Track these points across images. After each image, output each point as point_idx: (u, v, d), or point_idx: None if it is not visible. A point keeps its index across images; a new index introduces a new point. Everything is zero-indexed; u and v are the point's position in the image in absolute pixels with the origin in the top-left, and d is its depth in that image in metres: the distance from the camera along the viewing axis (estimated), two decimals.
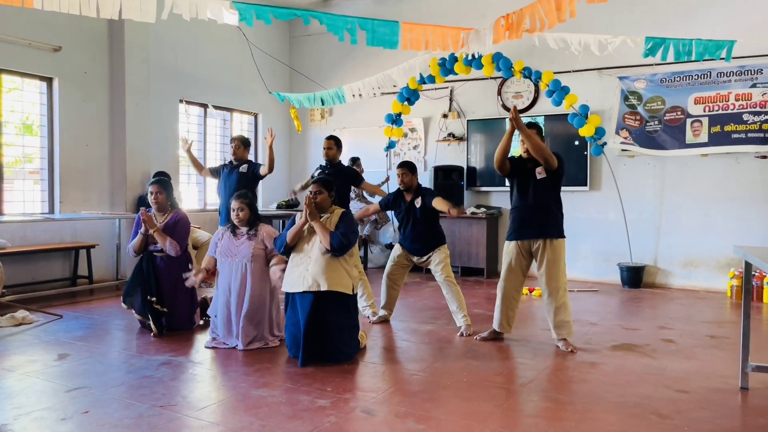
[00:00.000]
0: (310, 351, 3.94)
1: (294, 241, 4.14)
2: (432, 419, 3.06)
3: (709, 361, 4.14)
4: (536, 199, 4.33)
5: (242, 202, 4.50)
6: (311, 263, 4.02)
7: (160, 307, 4.71)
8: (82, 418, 3.04)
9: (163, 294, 4.76)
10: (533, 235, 4.36)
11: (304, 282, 3.98)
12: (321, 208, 4.19)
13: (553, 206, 4.37)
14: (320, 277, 3.97)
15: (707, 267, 7.02)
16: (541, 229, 4.34)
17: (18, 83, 6.57)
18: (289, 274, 4.13)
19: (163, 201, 4.88)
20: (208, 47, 8.42)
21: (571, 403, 3.32)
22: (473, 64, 6.88)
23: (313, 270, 3.99)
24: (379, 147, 8.41)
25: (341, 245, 3.98)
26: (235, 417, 3.08)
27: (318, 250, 4.05)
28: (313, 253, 4.06)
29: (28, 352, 4.24)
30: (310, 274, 3.99)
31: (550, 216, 4.36)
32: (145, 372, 3.80)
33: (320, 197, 4.17)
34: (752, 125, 6.51)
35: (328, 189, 4.23)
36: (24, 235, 6.24)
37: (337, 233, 4.02)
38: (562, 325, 4.35)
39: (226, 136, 8.94)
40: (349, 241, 4.01)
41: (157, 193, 4.86)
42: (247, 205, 4.51)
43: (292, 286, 4.05)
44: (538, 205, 4.33)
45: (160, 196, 4.87)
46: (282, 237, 4.20)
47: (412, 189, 5.03)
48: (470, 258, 7.92)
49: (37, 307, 5.45)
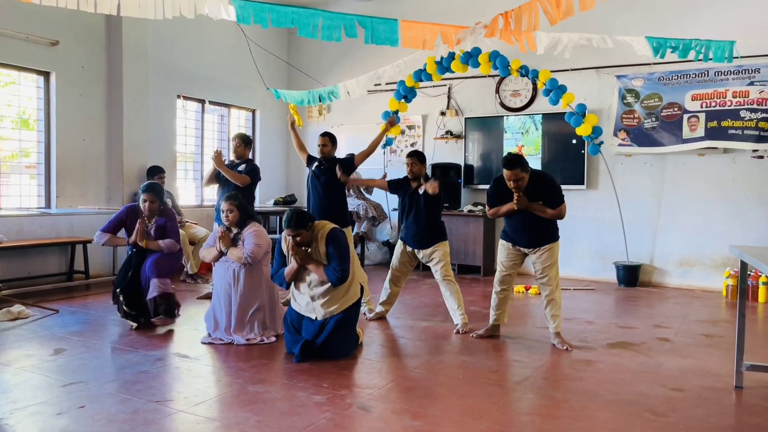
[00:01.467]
0: (310, 349, 3.96)
1: (293, 279, 4.12)
2: (428, 416, 3.07)
3: (705, 359, 4.16)
4: (531, 215, 4.33)
5: (231, 204, 4.50)
6: (317, 295, 4.04)
7: (128, 309, 4.75)
8: (78, 413, 3.03)
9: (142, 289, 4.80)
10: (529, 246, 4.43)
11: (315, 313, 4.04)
12: (305, 244, 4.04)
13: (546, 220, 4.36)
14: (330, 307, 4.02)
15: (703, 266, 7.04)
16: (537, 241, 4.40)
17: (15, 77, 6.54)
18: (295, 296, 4.16)
19: (155, 209, 4.92)
20: (207, 43, 8.40)
21: (567, 400, 3.33)
22: (470, 62, 6.88)
23: (320, 301, 4.03)
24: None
25: (339, 279, 3.95)
26: (231, 413, 3.08)
27: (318, 281, 4.04)
28: (315, 285, 4.05)
29: (24, 347, 4.23)
30: (319, 306, 4.03)
31: (545, 229, 4.38)
32: (141, 367, 3.79)
33: (300, 238, 3.97)
34: (749, 122, 6.52)
35: (304, 226, 3.96)
36: (20, 229, 6.23)
37: (330, 268, 3.95)
38: (549, 318, 4.45)
39: (224, 132, 8.93)
40: (344, 270, 3.94)
41: (150, 202, 4.87)
42: (236, 207, 4.50)
43: (304, 311, 4.10)
44: (532, 220, 4.34)
45: (153, 205, 4.90)
46: (280, 276, 4.12)
47: (419, 178, 5.03)
48: (467, 256, 7.92)
49: (33, 302, 5.44)
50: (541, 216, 4.29)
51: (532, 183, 4.29)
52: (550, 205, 4.27)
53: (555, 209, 4.27)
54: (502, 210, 4.40)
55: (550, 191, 4.30)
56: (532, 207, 4.27)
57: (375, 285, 6.41)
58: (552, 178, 4.47)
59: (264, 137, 9.59)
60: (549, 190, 4.30)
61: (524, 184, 4.25)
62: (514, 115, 8.06)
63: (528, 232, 4.39)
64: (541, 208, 4.27)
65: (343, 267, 3.94)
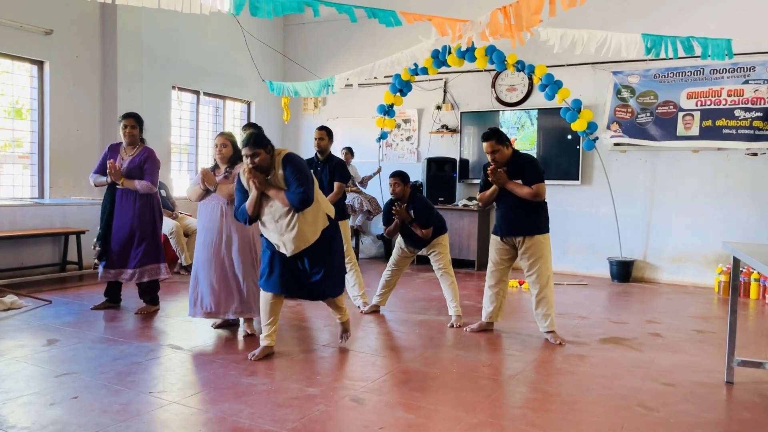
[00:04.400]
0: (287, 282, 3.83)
1: (256, 211, 3.82)
2: (421, 408, 3.08)
3: (696, 355, 4.19)
4: (516, 201, 4.36)
5: (227, 139, 4.39)
6: (283, 228, 3.75)
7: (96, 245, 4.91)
8: (71, 404, 3.03)
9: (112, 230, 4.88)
10: (514, 233, 4.44)
11: (286, 248, 3.78)
12: (263, 169, 3.72)
13: (534, 205, 4.38)
14: (299, 241, 3.74)
15: (696, 262, 7.08)
16: (522, 228, 4.41)
17: (8, 66, 6.49)
18: (264, 233, 3.91)
19: (136, 135, 4.93)
20: (202, 34, 8.35)
21: (559, 394, 3.35)
22: (466, 56, 6.87)
23: (288, 235, 3.75)
24: (372, 137, 8.40)
25: (302, 201, 3.65)
26: (224, 404, 3.08)
27: (282, 211, 3.73)
28: (279, 215, 3.74)
29: (16, 337, 4.22)
30: (287, 240, 3.75)
31: (530, 215, 4.39)
32: (134, 358, 3.79)
33: (258, 159, 3.67)
34: (743, 121, 6.55)
35: (262, 146, 3.68)
36: (13, 219, 6.19)
37: (290, 192, 3.66)
38: (541, 317, 4.43)
39: (218, 124, 8.90)
40: (306, 192, 3.65)
41: (130, 127, 4.88)
42: (231, 143, 4.40)
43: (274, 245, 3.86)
44: (518, 206, 4.37)
45: (134, 131, 4.91)
46: (243, 210, 3.81)
47: (404, 198, 4.95)
48: (461, 250, 7.94)
49: (26, 292, 5.42)
50: (522, 198, 4.31)
51: (515, 163, 4.38)
52: (528, 183, 4.31)
53: (532, 187, 4.29)
54: (487, 194, 4.48)
55: (529, 169, 4.36)
56: (509, 185, 4.32)
57: (370, 279, 6.42)
58: (534, 159, 4.57)
59: None
60: (529, 169, 4.36)
61: (503, 158, 4.34)
62: (510, 110, 8.06)
63: (511, 218, 4.41)
64: (518, 185, 4.31)
65: (303, 188, 3.64)
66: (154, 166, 4.94)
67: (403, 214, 4.83)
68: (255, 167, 3.68)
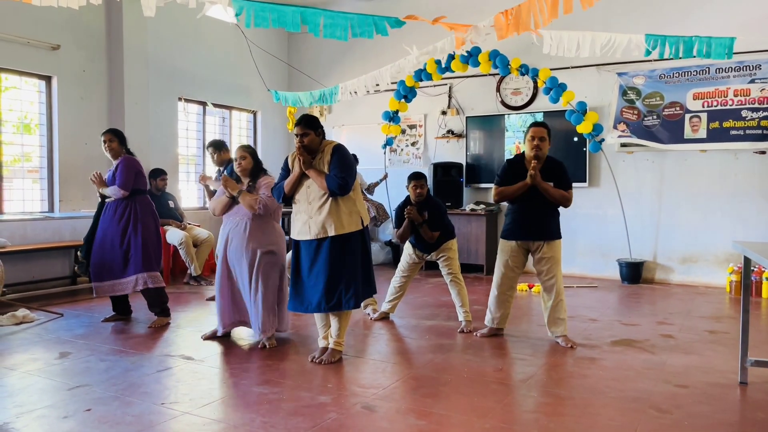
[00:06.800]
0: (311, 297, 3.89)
1: (292, 190, 3.92)
2: (433, 415, 3.08)
3: (709, 356, 4.16)
4: (540, 203, 4.32)
5: (245, 151, 4.42)
6: (314, 211, 3.85)
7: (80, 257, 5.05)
8: (84, 416, 3.05)
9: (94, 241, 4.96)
10: (534, 237, 4.38)
11: (310, 231, 3.85)
12: (311, 150, 3.87)
13: (555, 210, 4.40)
14: (326, 224, 3.81)
15: (706, 262, 7.03)
16: (543, 233, 4.37)
17: (16, 82, 6.56)
18: (294, 222, 3.99)
19: (116, 148, 4.98)
20: (207, 45, 8.41)
21: (571, 398, 3.34)
22: (470, 61, 6.89)
23: (317, 218, 3.83)
24: (378, 144, 8.41)
25: (340, 186, 3.75)
26: (236, 414, 3.09)
27: (318, 194, 3.84)
28: (314, 198, 3.86)
29: (29, 351, 4.25)
30: (315, 222, 3.84)
31: (550, 218, 4.39)
32: (146, 369, 3.81)
33: (307, 139, 3.83)
34: (750, 122, 6.52)
35: (313, 128, 3.87)
36: (24, 233, 6.25)
37: (331, 175, 3.77)
38: (557, 322, 4.39)
39: (225, 134, 8.94)
40: (346, 179, 3.77)
41: (109, 141, 4.96)
42: (249, 154, 4.42)
43: (299, 234, 3.94)
44: (539, 207, 4.34)
45: (113, 144, 4.97)
46: (280, 187, 3.95)
47: (422, 200, 4.96)
48: (470, 255, 7.93)
49: (37, 306, 5.46)
50: (548, 198, 4.28)
51: (548, 165, 4.35)
52: (561, 187, 4.31)
53: (568, 192, 4.31)
54: (511, 189, 4.34)
55: (563, 175, 4.37)
56: (543, 185, 4.26)
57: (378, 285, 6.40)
58: (566, 166, 4.52)
59: (265, 139, 9.59)
60: (563, 174, 4.37)
61: (544, 154, 4.31)
62: (515, 114, 8.06)
63: (534, 220, 4.35)
64: (551, 187, 4.28)
65: (344, 175, 3.76)
66: (126, 171, 4.91)
67: (415, 215, 4.82)
68: (303, 147, 3.83)
